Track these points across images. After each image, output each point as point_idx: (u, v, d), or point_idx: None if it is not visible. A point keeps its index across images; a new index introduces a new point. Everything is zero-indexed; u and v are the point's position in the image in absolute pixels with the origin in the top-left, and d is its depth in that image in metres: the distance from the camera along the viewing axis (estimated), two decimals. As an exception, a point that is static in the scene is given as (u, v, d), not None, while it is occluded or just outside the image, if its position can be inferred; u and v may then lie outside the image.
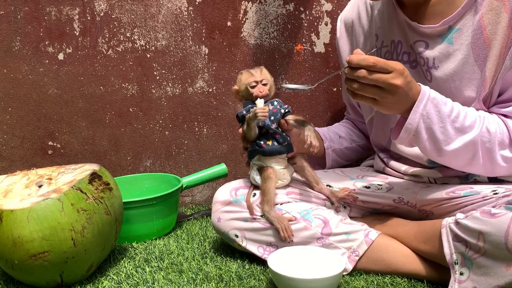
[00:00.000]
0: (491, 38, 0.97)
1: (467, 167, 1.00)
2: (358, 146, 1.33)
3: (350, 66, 0.89)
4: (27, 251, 0.92)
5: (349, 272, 1.03)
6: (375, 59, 0.88)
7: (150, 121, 1.50)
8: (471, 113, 0.97)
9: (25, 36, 1.41)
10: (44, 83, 1.44)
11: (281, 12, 1.46)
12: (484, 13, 0.97)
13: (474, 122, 0.96)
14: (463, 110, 0.97)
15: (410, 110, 0.93)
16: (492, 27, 0.97)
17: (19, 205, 0.94)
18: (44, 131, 1.47)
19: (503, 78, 0.98)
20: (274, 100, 1.08)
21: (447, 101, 0.96)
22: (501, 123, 0.98)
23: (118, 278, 1.03)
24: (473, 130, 0.95)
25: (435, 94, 0.95)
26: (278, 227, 1.02)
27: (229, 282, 0.99)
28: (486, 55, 0.98)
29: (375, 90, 0.89)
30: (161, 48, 1.46)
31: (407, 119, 0.93)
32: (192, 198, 1.56)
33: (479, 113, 0.99)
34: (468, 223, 0.87)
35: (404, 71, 0.90)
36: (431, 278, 0.99)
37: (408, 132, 0.95)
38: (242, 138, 1.09)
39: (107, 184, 1.04)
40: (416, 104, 0.92)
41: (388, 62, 0.88)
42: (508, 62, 0.96)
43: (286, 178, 1.09)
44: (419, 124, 0.93)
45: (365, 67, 0.87)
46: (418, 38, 1.05)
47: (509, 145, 0.97)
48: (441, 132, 0.94)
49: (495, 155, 0.97)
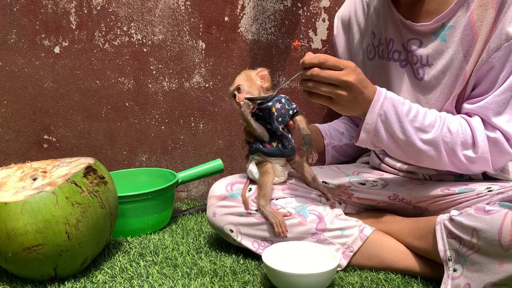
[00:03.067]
0: (479, 33, 0.97)
1: (440, 166, 1.01)
2: None
3: (304, 66, 0.91)
4: (21, 244, 0.92)
5: (344, 267, 1.04)
6: (325, 56, 0.89)
7: (146, 115, 1.49)
8: (430, 113, 0.98)
9: (21, 29, 1.41)
10: (40, 76, 1.44)
11: (278, 7, 1.46)
12: (473, 9, 0.97)
13: (434, 121, 0.97)
14: (422, 110, 0.97)
15: (368, 105, 0.94)
16: (480, 23, 0.97)
17: (13, 198, 0.94)
18: (39, 124, 1.47)
19: (478, 72, 0.98)
20: (281, 97, 1.06)
21: (404, 101, 0.97)
22: (464, 123, 0.99)
23: (113, 272, 1.02)
24: (433, 129, 0.96)
25: (391, 95, 0.96)
26: (273, 222, 1.02)
27: (224, 276, 1.00)
28: (472, 50, 0.99)
29: (328, 87, 0.91)
30: (158, 42, 1.45)
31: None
32: (187, 193, 1.56)
33: (440, 114, 0.99)
34: (462, 220, 0.87)
35: (356, 68, 0.92)
36: (425, 274, 1.00)
37: (367, 133, 0.96)
38: (245, 132, 1.09)
39: (102, 178, 1.04)
40: (373, 104, 0.94)
41: (339, 60, 0.91)
42: (485, 56, 0.96)
43: (284, 175, 1.10)
44: (377, 123, 0.94)
45: (317, 64, 0.89)
46: (412, 36, 1.05)
47: (472, 145, 0.98)
48: (400, 132, 0.95)
49: (458, 154, 0.98)
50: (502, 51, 0.94)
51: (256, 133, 1.04)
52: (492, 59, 0.95)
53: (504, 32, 0.94)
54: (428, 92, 1.05)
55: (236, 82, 1.06)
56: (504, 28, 0.94)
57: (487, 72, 0.97)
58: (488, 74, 0.97)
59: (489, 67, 0.96)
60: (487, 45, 0.96)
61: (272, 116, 1.02)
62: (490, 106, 0.97)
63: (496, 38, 0.95)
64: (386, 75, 1.12)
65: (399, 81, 1.09)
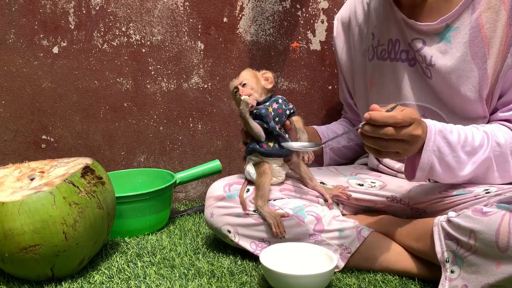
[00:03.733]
0: (489, 36, 0.98)
1: (484, 181, 1.01)
2: (356, 144, 1.33)
3: (374, 124, 0.85)
4: (18, 244, 0.92)
5: (341, 269, 1.03)
6: (402, 116, 0.85)
7: (144, 116, 1.49)
8: (476, 131, 0.98)
9: (20, 29, 1.40)
10: (38, 76, 1.44)
11: (277, 9, 1.46)
12: (482, 11, 0.97)
13: (483, 140, 0.97)
14: (468, 131, 0.97)
15: (421, 148, 0.93)
16: (490, 25, 0.97)
17: (10, 198, 0.94)
18: (37, 124, 1.46)
19: (504, 77, 0.98)
20: (278, 97, 1.07)
21: (451, 128, 0.96)
22: (507, 131, 0.99)
23: (110, 273, 1.02)
24: (483, 148, 0.96)
25: (440, 126, 0.94)
26: (271, 222, 1.02)
27: (221, 277, 0.99)
28: (484, 53, 0.99)
29: (400, 144, 0.87)
30: (157, 43, 1.45)
31: (420, 159, 0.93)
32: (185, 194, 1.56)
33: (484, 128, 0.99)
34: (459, 221, 0.87)
35: (419, 118, 0.89)
36: (422, 276, 1.00)
37: (423, 171, 0.95)
38: (242, 133, 1.09)
39: (100, 178, 1.04)
40: (426, 142, 0.92)
41: (407, 114, 0.86)
42: (510, 60, 0.97)
43: (281, 176, 1.10)
44: (432, 160, 0.94)
45: (393, 124, 0.84)
46: (416, 35, 1.05)
47: None
48: (454, 161, 0.95)
49: (509, 164, 0.98)
50: None
51: (253, 132, 1.04)
52: None
53: None
54: (437, 93, 1.05)
55: (242, 77, 1.07)
56: None
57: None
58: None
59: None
60: (511, 49, 0.96)
61: (268, 116, 1.03)
62: None
63: None
64: (393, 76, 1.12)
65: (410, 81, 1.09)
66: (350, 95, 1.31)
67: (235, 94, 1.08)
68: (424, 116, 1.08)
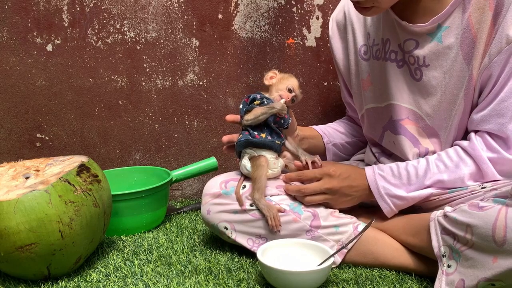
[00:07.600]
0: (478, 36, 0.97)
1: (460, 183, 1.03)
2: (359, 140, 1.33)
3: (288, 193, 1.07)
4: (13, 243, 0.91)
5: (338, 264, 1.04)
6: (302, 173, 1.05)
7: (139, 114, 1.49)
8: (421, 162, 1.04)
9: (13, 27, 1.39)
10: (32, 74, 1.43)
11: (272, 5, 1.46)
12: (471, 11, 0.97)
13: (428, 166, 1.03)
14: (410, 167, 1.04)
15: (369, 190, 1.04)
16: (478, 26, 0.97)
17: (5, 197, 0.93)
18: (32, 123, 1.45)
19: (481, 77, 0.98)
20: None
21: (391, 170, 1.04)
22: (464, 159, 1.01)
23: (106, 271, 1.02)
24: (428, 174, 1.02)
25: (379, 170, 1.05)
26: (267, 215, 1.02)
27: (218, 274, 0.99)
28: (473, 53, 0.98)
29: (320, 196, 1.05)
30: (151, 40, 1.45)
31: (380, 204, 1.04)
32: (182, 191, 1.56)
33: (427, 156, 1.05)
34: (456, 216, 0.87)
35: (334, 171, 1.04)
36: (419, 271, 1.00)
37: (393, 211, 1.05)
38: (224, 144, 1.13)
39: (96, 176, 1.03)
40: (373, 191, 1.04)
41: (313, 172, 1.04)
42: (486, 60, 0.96)
43: (277, 168, 1.08)
44: (389, 202, 1.03)
45: (300, 180, 1.06)
46: (408, 36, 1.05)
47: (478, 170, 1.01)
48: (415, 189, 1.03)
49: (465, 180, 1.02)
50: (503, 55, 0.94)
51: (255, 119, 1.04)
52: (494, 63, 0.95)
53: (504, 35, 0.93)
54: (428, 94, 1.05)
55: (296, 83, 1.11)
56: (504, 31, 0.93)
57: (489, 77, 0.97)
58: (490, 79, 0.97)
59: (490, 71, 0.96)
60: (489, 49, 0.95)
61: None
62: (501, 112, 0.96)
63: (496, 42, 0.94)
64: (383, 75, 1.12)
65: (397, 81, 1.09)
66: (349, 94, 1.31)
67: (288, 90, 1.09)
68: (408, 118, 1.08)
